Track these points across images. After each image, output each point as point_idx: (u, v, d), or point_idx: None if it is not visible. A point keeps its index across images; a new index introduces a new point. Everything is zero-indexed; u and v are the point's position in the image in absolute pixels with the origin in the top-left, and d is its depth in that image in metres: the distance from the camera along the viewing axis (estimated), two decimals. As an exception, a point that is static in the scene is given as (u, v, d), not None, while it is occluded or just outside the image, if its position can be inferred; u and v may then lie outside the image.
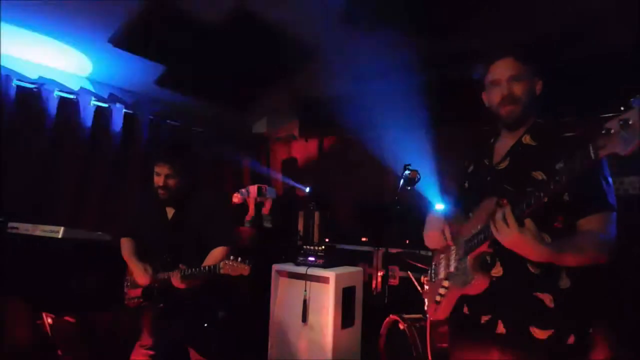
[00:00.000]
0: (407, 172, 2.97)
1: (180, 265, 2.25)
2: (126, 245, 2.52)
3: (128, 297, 2.47)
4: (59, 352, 2.65)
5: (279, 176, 5.02)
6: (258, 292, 3.61)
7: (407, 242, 3.59)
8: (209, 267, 2.22)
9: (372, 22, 2.91)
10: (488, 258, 1.39)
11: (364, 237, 4.06)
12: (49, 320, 2.66)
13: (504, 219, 1.19)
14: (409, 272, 3.19)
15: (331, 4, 2.72)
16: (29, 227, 2.72)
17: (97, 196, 3.55)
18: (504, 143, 1.53)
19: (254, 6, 2.80)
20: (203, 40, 3.12)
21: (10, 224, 2.78)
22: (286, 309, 3.43)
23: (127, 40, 3.04)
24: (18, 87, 3.14)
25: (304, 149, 4.95)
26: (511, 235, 1.18)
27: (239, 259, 2.16)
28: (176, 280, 2.23)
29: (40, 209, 3.18)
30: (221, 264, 2.18)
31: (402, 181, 2.99)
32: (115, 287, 2.54)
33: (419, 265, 2.93)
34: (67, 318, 2.69)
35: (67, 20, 2.82)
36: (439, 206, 2.58)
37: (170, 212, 2.45)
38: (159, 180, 2.31)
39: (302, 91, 4.22)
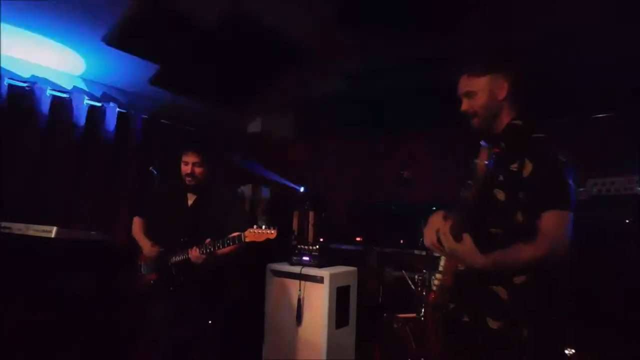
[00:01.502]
0: (402, 172, 2.98)
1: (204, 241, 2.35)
2: (137, 224, 2.68)
3: (141, 283, 2.55)
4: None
5: (273, 176, 5.01)
6: (252, 291, 3.60)
7: (402, 242, 3.60)
8: (233, 237, 2.30)
9: (368, 22, 2.92)
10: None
11: (358, 236, 4.07)
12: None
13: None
14: (403, 272, 3.20)
15: (327, 4, 2.73)
16: (21, 226, 2.70)
17: (90, 196, 3.53)
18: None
19: (249, 5, 2.79)
20: (197, 39, 3.10)
21: (2, 224, 2.75)
22: (281, 308, 3.43)
23: (120, 39, 3.02)
24: (10, 85, 3.11)
25: (298, 149, 4.95)
26: (449, 248, 1.36)
27: (263, 226, 2.26)
28: (194, 254, 2.32)
29: (32, 208, 3.15)
30: (245, 232, 2.27)
31: (398, 181, 3.01)
32: (110, 286, 2.56)
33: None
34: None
35: (60, 19, 2.79)
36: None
37: (190, 198, 2.59)
38: (186, 169, 2.48)
39: (297, 91, 4.21)
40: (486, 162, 1.28)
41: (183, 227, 2.52)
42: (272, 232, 2.26)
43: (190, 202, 2.59)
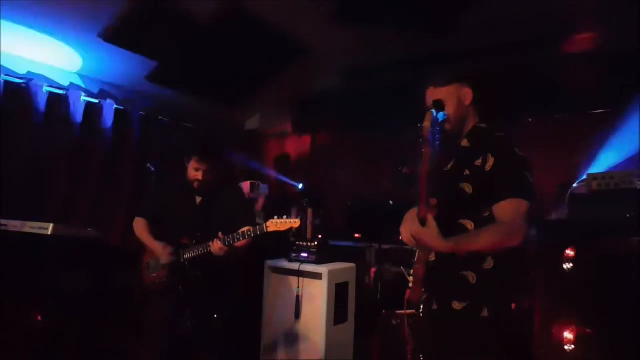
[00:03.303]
0: (401, 168, 2.97)
1: (220, 234, 2.37)
2: (141, 225, 2.65)
3: (151, 281, 2.54)
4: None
5: (271, 173, 5.00)
6: (251, 288, 3.59)
7: (401, 238, 3.59)
8: (254, 228, 2.34)
9: (364, 20, 2.90)
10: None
11: (357, 233, 4.06)
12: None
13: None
14: (401, 268, 3.19)
15: (323, 1, 2.71)
16: (17, 223, 2.68)
17: (87, 193, 3.52)
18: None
19: (246, 2, 2.78)
20: (195, 35, 3.09)
21: (-1, 221, 2.74)
22: (279, 305, 3.42)
23: (118, 35, 3.00)
24: (5, 82, 3.09)
25: (297, 146, 4.94)
26: (416, 233, 1.44)
27: (285, 216, 2.30)
28: (217, 246, 2.35)
29: (29, 205, 3.14)
30: (267, 222, 2.33)
31: (395, 177, 2.99)
32: (107, 283, 2.55)
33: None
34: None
35: (56, 15, 2.77)
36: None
37: (198, 197, 2.63)
38: (197, 175, 2.52)
39: (295, 87, 4.20)
40: (429, 124, 1.36)
41: (194, 223, 2.55)
42: (296, 220, 2.29)
43: (198, 200, 2.63)
